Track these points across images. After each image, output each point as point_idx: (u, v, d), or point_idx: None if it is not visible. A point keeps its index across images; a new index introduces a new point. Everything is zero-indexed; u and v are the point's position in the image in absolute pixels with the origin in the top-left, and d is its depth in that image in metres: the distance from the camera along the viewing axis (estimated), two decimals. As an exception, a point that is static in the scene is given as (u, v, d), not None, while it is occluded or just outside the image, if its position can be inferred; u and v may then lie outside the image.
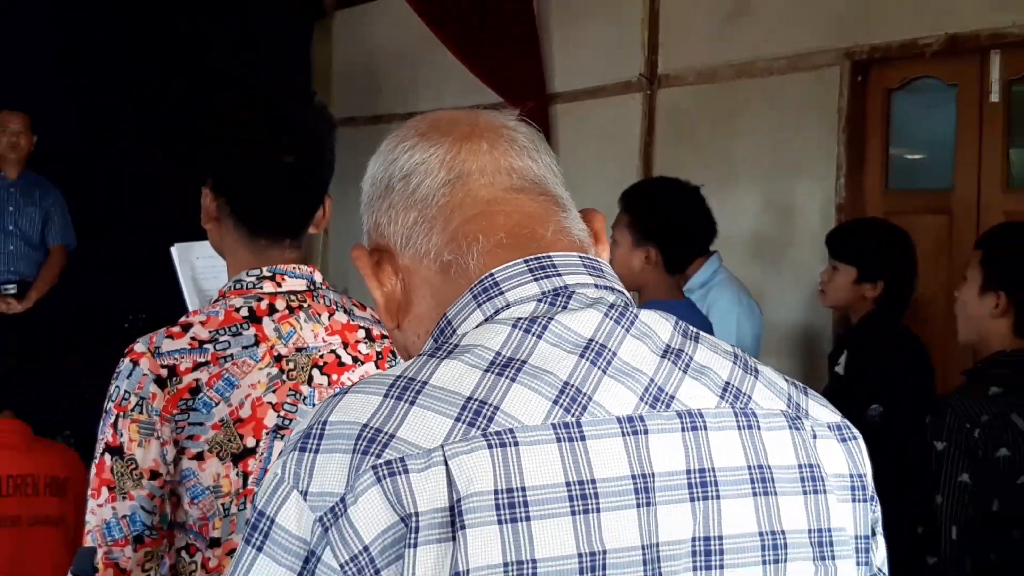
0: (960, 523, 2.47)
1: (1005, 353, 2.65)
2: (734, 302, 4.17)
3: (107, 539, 1.83)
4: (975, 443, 2.49)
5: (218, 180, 1.99)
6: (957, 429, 2.51)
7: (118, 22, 7.52)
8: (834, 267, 3.87)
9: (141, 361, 1.84)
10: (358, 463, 0.94)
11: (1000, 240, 2.77)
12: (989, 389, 2.58)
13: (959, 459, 2.49)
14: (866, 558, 1.11)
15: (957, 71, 4.95)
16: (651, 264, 3.26)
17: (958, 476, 2.49)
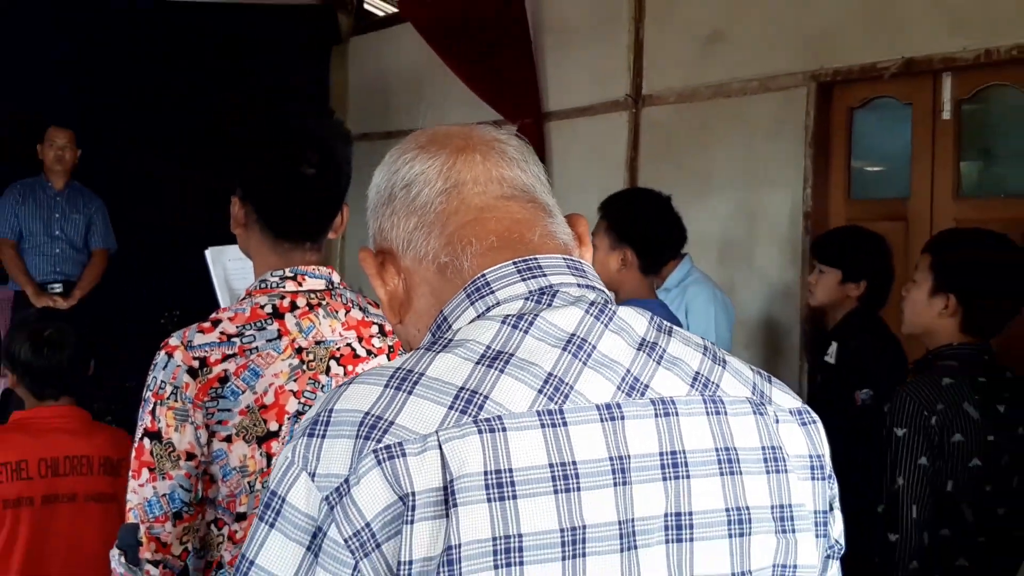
0: (919, 503, 2.47)
1: (952, 346, 2.64)
2: (710, 299, 4.19)
3: (148, 516, 1.85)
4: (932, 429, 2.48)
5: (246, 189, 2.00)
6: (915, 415, 2.50)
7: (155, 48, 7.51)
8: (820, 270, 3.90)
9: (175, 354, 1.85)
10: (360, 447, 0.95)
11: (950, 246, 2.76)
12: (943, 380, 2.56)
13: (918, 444, 2.48)
14: (824, 531, 1.11)
15: (912, 91, 4.94)
16: (627, 266, 3.27)
17: (917, 459, 2.48)
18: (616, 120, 6.22)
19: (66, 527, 2.88)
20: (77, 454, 2.90)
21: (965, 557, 2.54)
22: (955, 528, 2.52)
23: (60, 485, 2.87)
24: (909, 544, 2.47)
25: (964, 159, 4.86)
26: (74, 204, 6.49)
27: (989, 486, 2.54)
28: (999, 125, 4.88)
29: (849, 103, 5.24)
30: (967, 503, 2.52)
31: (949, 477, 2.50)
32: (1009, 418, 2.58)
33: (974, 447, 2.51)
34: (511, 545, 0.93)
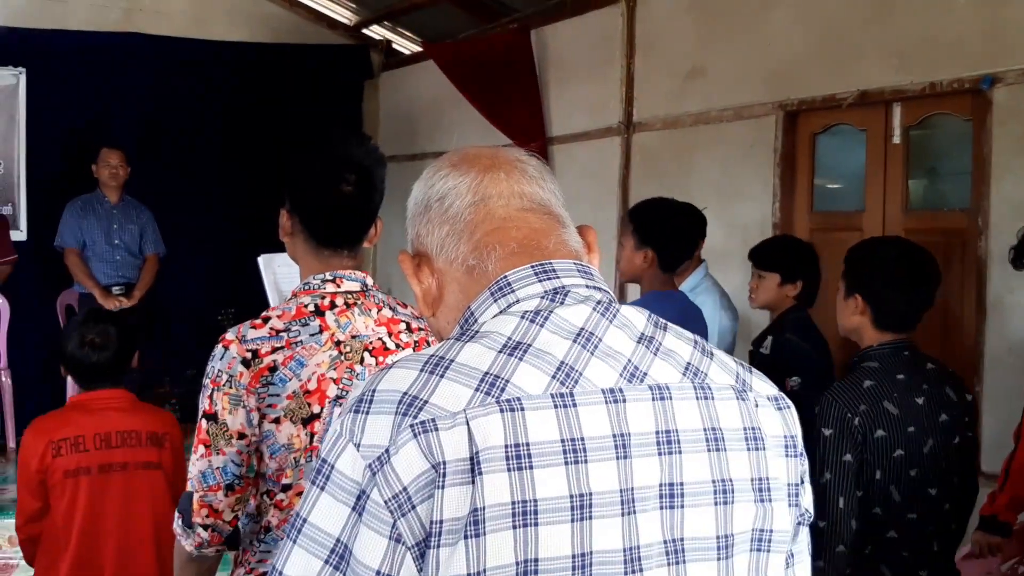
0: (846, 495, 2.45)
1: (873, 348, 2.59)
2: (716, 307, 4.12)
3: (203, 486, 1.85)
4: (855, 429, 2.45)
5: (293, 203, 1.99)
6: (840, 418, 2.46)
7: (209, 81, 7.56)
8: (760, 275, 3.85)
9: (231, 347, 1.85)
10: (399, 422, 0.96)
11: (855, 251, 2.72)
12: (864, 382, 2.52)
13: (842, 442, 2.45)
14: (796, 501, 1.11)
15: (867, 119, 4.93)
16: (648, 263, 3.28)
17: (842, 456, 2.45)
18: (610, 144, 6.23)
19: (119, 491, 2.93)
20: (127, 429, 2.94)
21: (895, 530, 2.52)
22: (885, 507, 2.50)
23: (113, 456, 2.92)
24: (836, 531, 2.45)
25: (912, 177, 4.86)
26: (128, 215, 6.51)
27: (914, 471, 2.50)
28: (942, 148, 4.88)
29: (812, 129, 5.23)
30: (895, 487, 2.50)
31: (877, 467, 2.47)
32: (927, 409, 2.53)
33: (895, 440, 2.48)
34: (527, 508, 0.94)
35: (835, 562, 2.45)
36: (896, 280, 2.56)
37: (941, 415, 2.55)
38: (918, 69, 4.51)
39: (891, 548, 2.52)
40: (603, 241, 3.73)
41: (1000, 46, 4.20)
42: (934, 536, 2.58)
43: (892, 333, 2.58)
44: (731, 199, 5.45)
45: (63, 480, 2.88)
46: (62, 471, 2.87)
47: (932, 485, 2.54)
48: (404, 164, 7.51)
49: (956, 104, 4.53)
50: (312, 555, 0.97)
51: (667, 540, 1.01)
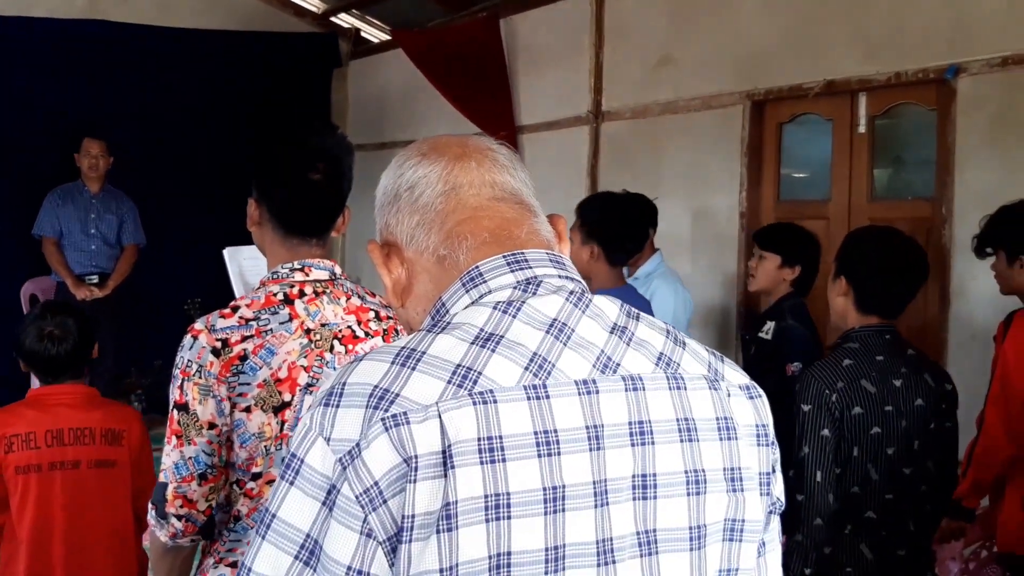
0: (823, 469, 2.49)
1: (855, 330, 2.64)
2: (671, 293, 4.16)
3: (176, 476, 1.84)
4: (833, 405, 2.49)
5: (260, 192, 1.98)
6: (818, 394, 2.50)
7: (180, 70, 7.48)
8: (761, 256, 3.86)
9: (200, 336, 1.84)
10: (370, 416, 0.94)
11: (847, 240, 2.78)
12: (843, 361, 2.57)
13: (820, 417, 2.49)
14: (767, 489, 1.11)
15: (833, 108, 4.95)
16: (595, 258, 3.26)
17: (820, 431, 2.49)
18: (579, 133, 6.23)
19: (70, 490, 2.87)
20: (80, 426, 2.88)
21: (873, 510, 2.56)
22: (864, 486, 2.54)
23: (65, 453, 2.86)
24: (814, 504, 2.49)
25: (877, 167, 4.89)
26: (107, 206, 6.50)
27: (891, 449, 2.55)
28: (907, 137, 4.92)
29: (779, 118, 5.25)
30: (872, 464, 2.54)
31: (855, 444, 2.51)
32: (904, 391, 2.58)
33: (872, 417, 2.52)
34: (500, 502, 0.93)
35: (813, 535, 2.49)
36: (878, 266, 2.62)
37: (917, 399, 2.60)
38: (884, 59, 4.53)
39: (870, 528, 2.56)
40: (573, 230, 3.69)
41: (965, 37, 4.23)
42: (909, 516, 2.62)
43: (876, 317, 2.64)
44: (699, 188, 5.47)
45: (14, 476, 2.83)
46: (13, 467, 2.82)
47: (907, 465, 2.59)
48: (373, 153, 7.46)
49: (921, 94, 4.56)
50: (281, 551, 0.96)
51: (640, 531, 1.00)
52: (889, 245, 2.67)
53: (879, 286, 2.62)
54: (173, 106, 7.44)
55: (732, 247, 5.25)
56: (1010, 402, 3.03)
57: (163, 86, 7.39)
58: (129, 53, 7.25)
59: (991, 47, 4.13)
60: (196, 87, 7.54)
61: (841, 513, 2.52)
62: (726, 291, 5.31)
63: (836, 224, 4.89)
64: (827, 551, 2.52)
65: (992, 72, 4.14)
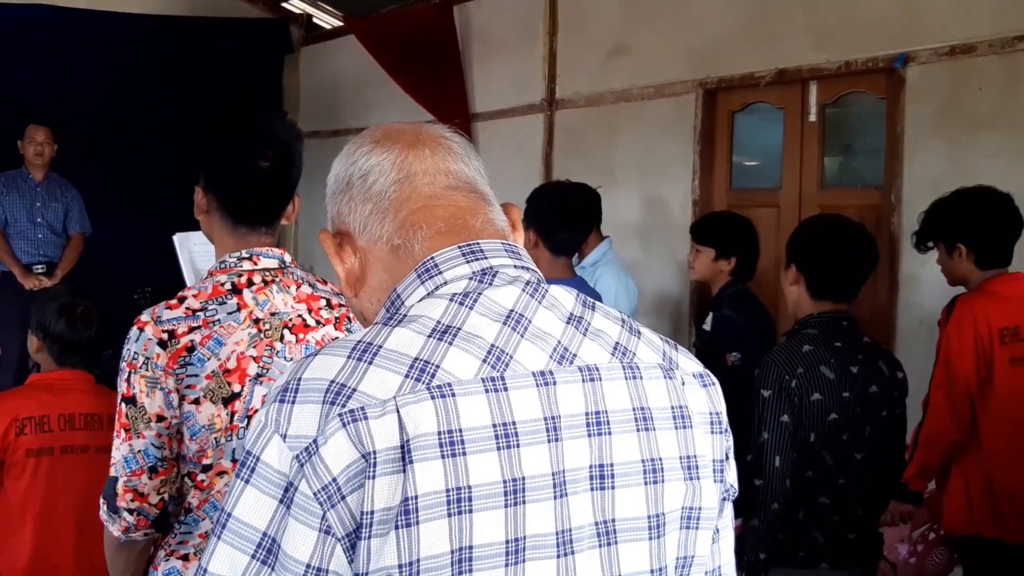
0: (782, 454, 2.51)
1: (812, 316, 2.67)
2: (614, 279, 4.17)
3: (126, 470, 1.82)
4: (792, 391, 2.51)
5: (208, 180, 1.95)
6: (778, 379, 2.52)
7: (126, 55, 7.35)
8: (698, 250, 3.92)
9: (146, 328, 1.81)
10: (327, 411, 0.93)
11: (797, 229, 2.83)
12: (803, 347, 2.59)
13: (780, 403, 2.51)
14: (721, 477, 1.11)
15: (784, 97, 4.99)
16: (533, 245, 3.23)
17: (780, 417, 2.51)
18: (533, 121, 6.22)
19: (80, 474, 2.89)
20: (91, 411, 2.91)
21: (826, 496, 2.59)
22: (818, 471, 2.57)
23: (76, 438, 2.88)
24: (771, 488, 2.51)
25: (827, 155, 4.94)
26: (52, 194, 6.38)
27: (846, 435, 2.58)
28: (856, 126, 4.96)
29: (731, 107, 5.28)
30: (827, 450, 2.56)
31: (811, 430, 2.53)
32: (860, 377, 2.61)
33: (831, 404, 2.54)
34: (462, 495, 0.92)
35: (770, 519, 2.51)
36: (827, 252, 2.66)
37: (872, 386, 2.63)
38: (834, 48, 4.57)
39: (823, 513, 2.59)
40: (528, 218, 3.67)
41: (914, 26, 4.28)
42: (859, 501, 2.65)
43: (829, 303, 2.66)
44: (653, 176, 5.49)
45: (24, 459, 2.83)
46: (24, 449, 2.83)
47: (859, 451, 2.61)
48: (326, 140, 7.41)
49: (870, 83, 4.60)
50: (238, 550, 0.94)
51: (598, 522, 0.99)
52: (837, 232, 2.70)
53: (829, 272, 2.65)
54: (121, 93, 7.31)
55: (685, 235, 5.24)
56: (953, 385, 3.08)
57: (111, 72, 7.27)
58: (76, 39, 7.13)
59: (939, 36, 4.18)
60: (145, 73, 7.42)
61: (795, 498, 2.54)
62: (679, 279, 5.34)
63: (787, 212, 4.93)
64: (780, 536, 2.54)
65: (940, 61, 4.19)
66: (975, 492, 3.11)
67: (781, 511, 2.52)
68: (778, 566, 2.59)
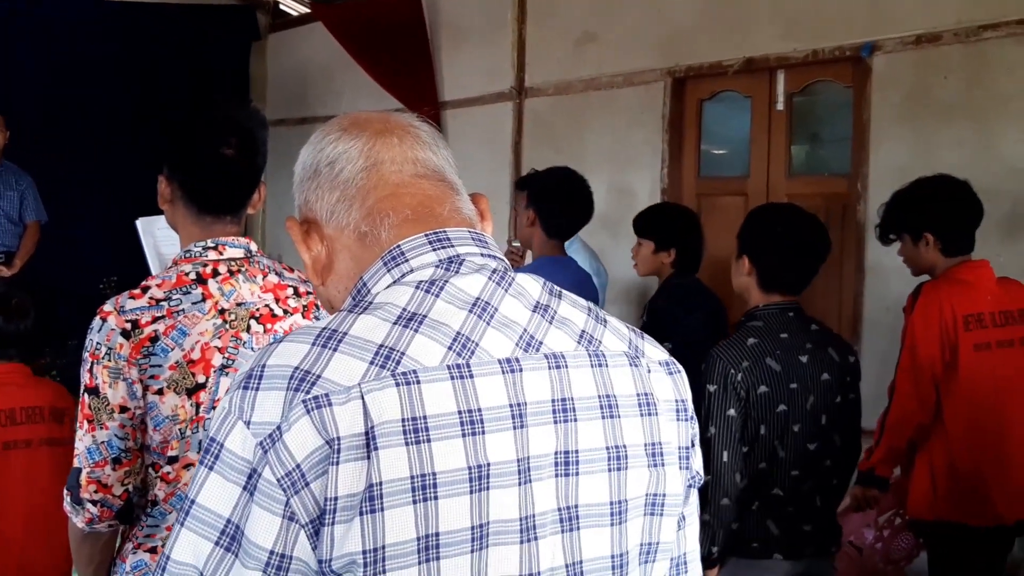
0: (729, 449, 2.50)
1: (759, 308, 2.66)
2: (586, 265, 4.19)
3: (89, 461, 1.80)
4: (739, 384, 2.50)
5: (171, 169, 1.92)
6: (724, 374, 2.51)
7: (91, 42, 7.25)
8: (639, 243, 3.91)
9: (109, 318, 1.79)
10: (291, 398, 0.93)
11: (748, 218, 2.79)
12: (748, 340, 2.58)
13: (726, 398, 2.50)
14: (686, 464, 1.12)
15: (752, 86, 5.01)
16: (530, 223, 3.30)
17: (726, 411, 2.50)
18: (503, 109, 6.21)
19: (23, 469, 2.85)
20: (31, 404, 2.87)
21: (780, 487, 2.59)
22: (771, 463, 2.57)
23: (18, 432, 2.84)
24: (720, 484, 2.50)
25: (794, 143, 4.97)
26: (7, 182, 6.24)
27: (796, 427, 2.58)
28: (823, 115, 5.00)
29: (699, 95, 5.30)
30: (778, 442, 2.56)
31: (761, 422, 2.53)
32: (810, 367, 2.61)
33: (778, 395, 2.54)
34: (426, 482, 0.92)
35: (720, 515, 2.50)
36: (780, 245, 2.64)
37: (823, 374, 2.62)
38: (802, 37, 4.60)
39: (777, 504, 2.59)
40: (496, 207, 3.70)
41: (880, 15, 4.31)
42: (815, 491, 2.66)
43: (779, 295, 2.65)
44: (622, 164, 5.50)
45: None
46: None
47: (812, 441, 2.62)
48: (293, 128, 7.36)
49: (837, 71, 4.63)
50: (202, 537, 0.94)
51: (561, 508, 1.00)
52: (790, 224, 2.68)
53: (781, 265, 2.64)
54: (80, 80, 7.19)
55: (654, 223, 5.28)
56: (919, 371, 3.10)
57: (71, 58, 7.15)
58: (33, 23, 7.02)
59: (905, 26, 4.21)
60: (108, 59, 7.32)
61: (748, 490, 2.55)
62: (648, 267, 5.35)
63: (755, 200, 4.95)
64: (734, 527, 2.55)
65: (906, 50, 4.23)
66: (939, 477, 3.14)
67: (732, 505, 2.52)
68: (732, 556, 2.59)
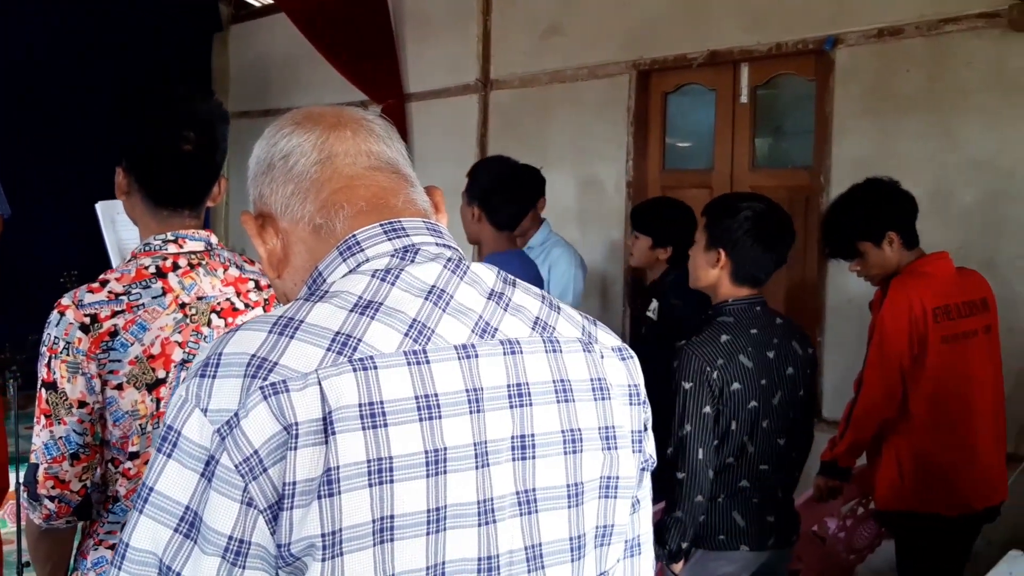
0: (704, 446, 2.50)
1: (728, 303, 2.65)
2: (571, 261, 4.21)
3: (47, 457, 1.79)
4: (714, 382, 2.51)
5: (129, 161, 1.91)
6: (699, 371, 2.51)
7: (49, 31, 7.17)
8: (636, 237, 3.95)
9: (67, 312, 1.78)
10: (248, 385, 0.94)
11: (718, 208, 2.75)
12: (721, 337, 2.58)
13: (702, 395, 2.51)
14: (640, 447, 1.15)
15: (716, 79, 5.04)
16: (476, 220, 3.26)
17: (702, 409, 2.51)
18: (468, 102, 6.21)
19: None
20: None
21: (747, 479, 2.62)
22: (739, 458, 2.59)
23: None
24: (695, 481, 2.51)
25: (758, 136, 5.01)
26: None
27: (765, 422, 2.60)
28: (787, 107, 5.03)
29: (664, 88, 5.32)
30: (748, 438, 2.58)
31: (733, 418, 2.55)
32: (776, 362, 2.63)
33: (750, 392, 2.56)
34: (383, 466, 0.94)
35: (694, 512, 2.52)
36: (759, 237, 2.62)
37: (788, 368, 2.65)
38: (765, 30, 4.63)
39: (743, 497, 2.62)
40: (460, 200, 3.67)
41: (843, 8, 4.35)
42: (779, 484, 2.69)
43: (747, 288, 2.66)
44: (587, 157, 5.52)
45: None
46: None
47: (781, 436, 2.65)
48: (256, 120, 7.32)
49: (800, 64, 4.67)
50: (161, 524, 0.95)
51: (519, 491, 1.02)
52: (767, 215, 2.66)
53: (760, 258, 2.64)
54: (41, 70, 7.11)
55: (619, 216, 5.32)
56: (887, 366, 3.13)
57: (28, 49, 7.07)
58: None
59: (867, 19, 4.26)
60: (67, 51, 7.22)
61: (716, 483, 2.56)
62: (612, 260, 5.38)
63: (719, 192, 4.97)
64: (701, 519, 2.57)
65: (868, 43, 4.28)
66: (906, 468, 3.17)
67: (704, 502, 2.53)
68: (699, 549, 2.61)
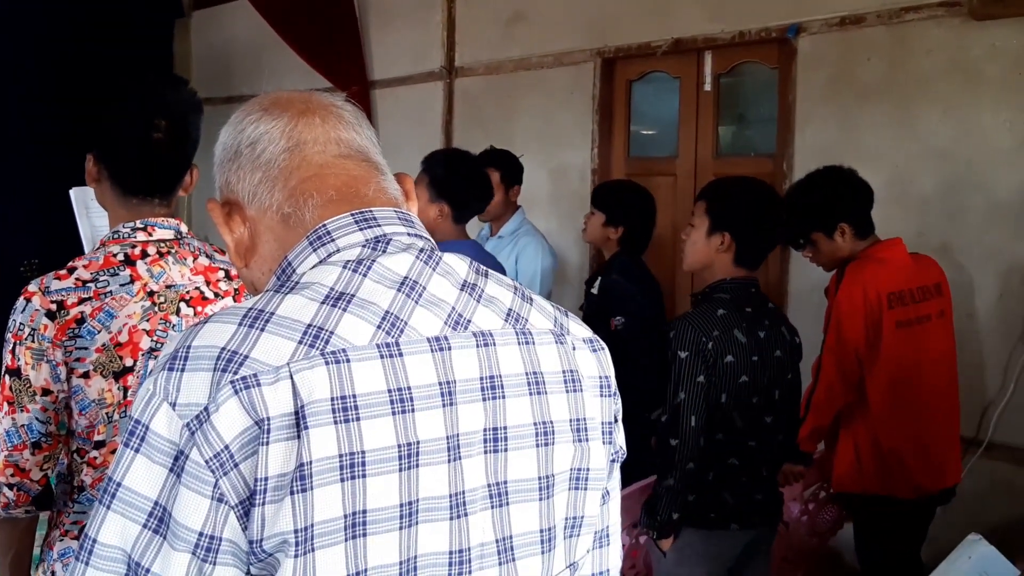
0: (697, 414, 2.56)
1: (727, 280, 2.70)
2: (539, 249, 4.23)
3: (7, 444, 1.77)
4: (708, 352, 2.56)
5: (99, 149, 1.89)
6: (695, 341, 2.56)
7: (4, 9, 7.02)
8: (592, 212, 3.96)
9: (33, 299, 1.76)
10: (218, 379, 0.92)
11: (722, 191, 2.79)
12: (717, 311, 2.63)
13: (697, 364, 2.56)
14: (610, 439, 1.14)
15: (680, 67, 5.06)
16: (443, 217, 3.23)
17: (696, 377, 2.56)
18: (432, 89, 6.18)
19: None
20: None
21: (736, 457, 2.66)
22: (728, 433, 2.63)
23: None
24: (687, 447, 2.56)
25: (722, 124, 5.03)
26: None
27: (755, 398, 2.65)
28: (750, 95, 5.06)
29: (628, 76, 5.33)
30: (738, 412, 2.63)
31: (723, 391, 2.59)
32: (767, 342, 2.69)
33: (742, 366, 2.61)
34: (355, 460, 0.93)
35: (686, 479, 2.56)
36: (763, 220, 2.69)
37: (776, 351, 2.72)
38: (729, 18, 4.65)
39: (732, 475, 2.66)
40: (426, 187, 3.62)
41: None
42: (765, 462, 2.74)
43: (744, 270, 2.71)
44: (552, 145, 5.52)
45: None
46: None
47: (768, 414, 2.70)
48: (219, 107, 7.21)
49: (763, 53, 4.70)
50: (129, 520, 0.93)
51: (491, 484, 1.01)
52: (768, 198, 2.74)
53: (763, 240, 2.71)
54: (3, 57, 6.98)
55: (583, 203, 5.30)
56: (844, 351, 3.17)
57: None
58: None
59: (830, 7, 4.29)
60: (27, 36, 7.10)
61: (705, 459, 2.60)
62: (579, 247, 5.39)
63: (683, 180, 5.02)
64: (691, 499, 2.61)
65: (830, 32, 4.31)
66: (863, 452, 3.23)
67: (695, 471, 2.57)
68: (689, 527, 2.65)
